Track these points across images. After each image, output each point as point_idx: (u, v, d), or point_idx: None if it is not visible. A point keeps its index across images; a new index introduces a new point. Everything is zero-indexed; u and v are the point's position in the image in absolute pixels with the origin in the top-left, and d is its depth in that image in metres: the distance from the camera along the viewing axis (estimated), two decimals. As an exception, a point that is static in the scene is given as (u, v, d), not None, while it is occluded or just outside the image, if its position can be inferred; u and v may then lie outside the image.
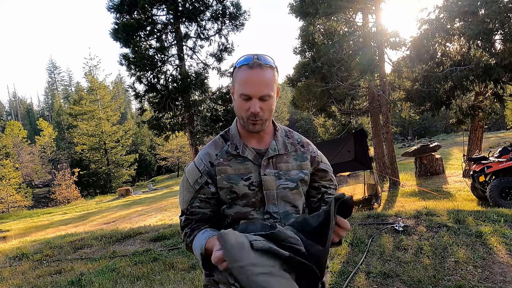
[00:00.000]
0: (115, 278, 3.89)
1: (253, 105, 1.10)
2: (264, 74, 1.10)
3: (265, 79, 1.10)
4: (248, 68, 1.10)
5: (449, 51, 10.13)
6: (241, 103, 1.13)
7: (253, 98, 1.10)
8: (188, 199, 1.20)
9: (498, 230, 3.93)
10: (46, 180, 34.05)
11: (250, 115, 1.11)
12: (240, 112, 1.15)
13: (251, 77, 1.09)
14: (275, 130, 1.25)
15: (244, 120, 1.15)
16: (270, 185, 1.15)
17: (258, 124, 1.14)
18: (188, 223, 1.20)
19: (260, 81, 1.09)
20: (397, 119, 32.27)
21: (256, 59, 1.11)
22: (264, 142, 1.22)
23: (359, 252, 3.80)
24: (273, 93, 1.13)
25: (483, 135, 12.58)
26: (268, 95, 1.11)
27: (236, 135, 1.22)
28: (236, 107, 1.16)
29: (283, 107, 47.61)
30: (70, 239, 5.85)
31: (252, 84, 1.09)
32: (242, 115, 1.14)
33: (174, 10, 12.18)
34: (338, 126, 20.34)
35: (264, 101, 1.11)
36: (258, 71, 1.09)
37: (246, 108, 1.12)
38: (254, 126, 1.14)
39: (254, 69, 1.09)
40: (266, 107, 1.12)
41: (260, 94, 1.10)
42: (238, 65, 1.14)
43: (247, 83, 1.09)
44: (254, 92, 1.09)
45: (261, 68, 1.10)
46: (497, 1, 8.62)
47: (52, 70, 65.43)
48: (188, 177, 1.21)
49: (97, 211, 15.42)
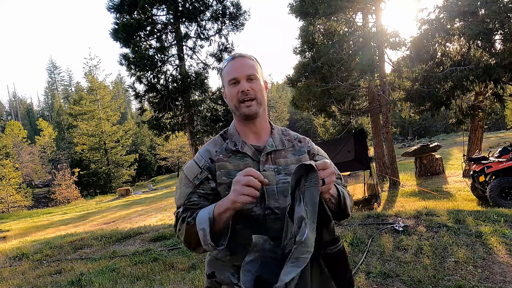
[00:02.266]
0: (115, 278, 3.89)
1: (241, 84, 1.17)
2: (246, 60, 1.21)
3: (248, 63, 1.20)
4: (231, 60, 1.22)
5: (449, 51, 10.12)
6: (231, 90, 1.19)
7: (241, 80, 1.17)
8: (186, 193, 1.17)
9: (498, 230, 3.93)
10: (46, 180, 34.08)
11: (241, 95, 1.17)
12: (232, 100, 1.20)
13: (235, 63, 1.20)
14: (272, 128, 1.28)
15: (237, 107, 1.19)
16: (270, 180, 1.16)
17: (252, 105, 1.17)
18: (186, 211, 1.14)
19: (244, 64, 1.19)
20: (397, 119, 32.26)
21: (237, 53, 1.24)
22: (262, 139, 1.24)
23: (359, 252, 3.80)
24: (258, 76, 1.20)
25: (483, 135, 12.58)
26: (254, 75, 1.19)
27: (235, 133, 1.24)
28: (228, 98, 1.22)
29: (283, 107, 47.57)
30: (70, 239, 5.85)
31: (237, 68, 1.18)
32: (234, 103, 1.19)
33: (174, 10, 12.17)
34: (338, 126, 20.34)
35: (251, 80, 1.18)
36: (240, 59, 1.21)
37: (236, 91, 1.18)
38: (249, 108, 1.17)
39: (236, 58, 1.21)
40: (255, 87, 1.18)
41: (245, 73, 1.18)
42: (223, 64, 1.25)
43: (233, 69, 1.19)
44: (240, 74, 1.17)
45: (242, 57, 1.21)
46: (497, 1, 8.62)
47: (52, 70, 65.44)
48: (187, 174, 1.20)
49: (97, 211, 15.42)
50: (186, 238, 1.10)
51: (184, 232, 1.09)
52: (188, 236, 1.09)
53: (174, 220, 1.16)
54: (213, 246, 1.03)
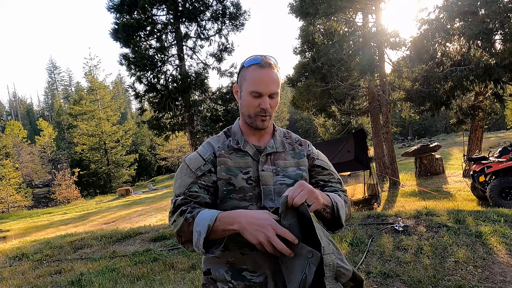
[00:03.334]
0: (115, 278, 3.89)
1: (264, 102, 1.16)
2: (274, 73, 1.18)
3: (275, 78, 1.18)
4: (259, 67, 1.16)
5: (449, 51, 10.12)
6: (251, 100, 1.18)
7: (264, 96, 1.16)
8: (186, 183, 1.15)
9: (498, 230, 3.93)
10: (46, 180, 34.06)
11: (260, 111, 1.17)
12: (248, 109, 1.19)
13: (263, 76, 1.16)
14: (274, 130, 1.30)
15: (252, 117, 1.20)
16: (267, 180, 1.18)
17: (267, 120, 1.20)
18: (186, 203, 1.12)
19: (271, 79, 1.16)
20: (397, 119, 32.26)
21: (265, 59, 1.18)
22: (263, 140, 1.26)
23: (359, 252, 3.80)
24: (279, 91, 1.21)
25: (483, 135, 12.58)
26: (277, 93, 1.19)
27: (238, 132, 1.26)
28: (244, 104, 1.20)
29: (283, 107, 47.56)
30: (70, 239, 5.85)
31: (263, 82, 1.15)
32: (250, 112, 1.19)
33: (174, 10, 12.17)
34: (338, 126, 20.31)
35: (272, 98, 1.19)
36: (268, 70, 1.17)
37: (256, 105, 1.17)
38: (263, 123, 1.20)
39: (265, 68, 1.16)
40: (273, 104, 1.19)
41: (270, 91, 1.17)
42: (246, 64, 1.19)
43: (259, 81, 1.15)
44: (265, 90, 1.16)
45: (270, 68, 1.17)
46: (497, 1, 8.62)
47: (52, 70, 65.45)
48: (189, 164, 1.19)
49: (97, 211, 15.42)
50: (178, 232, 1.09)
51: (179, 226, 1.07)
52: (181, 231, 1.07)
53: (171, 207, 1.14)
54: (203, 252, 1.03)
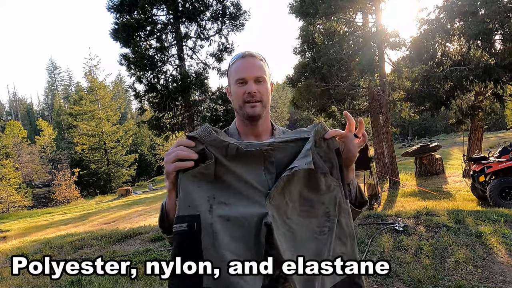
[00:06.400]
0: (115, 278, 3.88)
1: (249, 86, 1.16)
2: (256, 60, 1.19)
3: (257, 64, 1.18)
4: (241, 58, 1.19)
5: (449, 51, 10.12)
6: (237, 89, 1.17)
7: (249, 81, 1.16)
8: None
9: (498, 230, 3.93)
10: (46, 180, 34.03)
11: (247, 96, 1.16)
12: (237, 99, 1.18)
13: (244, 62, 1.18)
14: (273, 129, 1.28)
15: (242, 107, 1.18)
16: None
17: (257, 106, 1.17)
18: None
19: (253, 65, 1.17)
20: (397, 119, 32.23)
21: (247, 51, 1.21)
22: (262, 140, 1.24)
23: (359, 252, 3.79)
24: (266, 78, 1.19)
25: (483, 135, 12.59)
26: (262, 77, 1.18)
27: (236, 133, 1.25)
28: (234, 97, 1.20)
29: (283, 107, 47.51)
30: (70, 239, 5.84)
31: (246, 68, 1.17)
32: (239, 102, 1.18)
33: (174, 10, 12.18)
34: (338, 126, 20.31)
35: (259, 82, 1.17)
36: (250, 58, 1.19)
37: (243, 92, 1.16)
38: (253, 109, 1.16)
39: (246, 57, 1.19)
40: (262, 89, 1.17)
41: (254, 75, 1.16)
42: (231, 61, 1.22)
43: (241, 68, 1.17)
44: (248, 75, 1.16)
45: (252, 56, 1.19)
46: (497, 1, 8.63)
47: (52, 70, 65.44)
48: None
49: (97, 211, 15.42)
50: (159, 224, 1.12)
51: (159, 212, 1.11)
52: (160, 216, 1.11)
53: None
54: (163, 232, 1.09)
